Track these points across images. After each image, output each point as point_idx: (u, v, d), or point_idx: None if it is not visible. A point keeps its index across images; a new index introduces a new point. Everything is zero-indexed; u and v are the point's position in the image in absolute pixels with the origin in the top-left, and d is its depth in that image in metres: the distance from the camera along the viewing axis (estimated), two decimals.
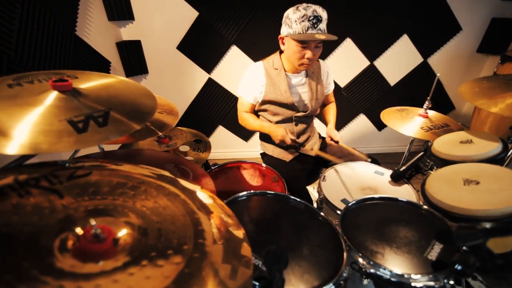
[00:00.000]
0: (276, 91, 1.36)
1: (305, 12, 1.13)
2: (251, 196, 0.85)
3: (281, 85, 1.35)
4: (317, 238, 0.73)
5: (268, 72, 1.35)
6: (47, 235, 0.39)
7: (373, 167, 1.33)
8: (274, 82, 1.35)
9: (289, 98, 1.36)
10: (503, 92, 1.03)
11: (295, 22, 1.15)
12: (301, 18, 1.14)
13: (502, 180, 0.78)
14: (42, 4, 1.24)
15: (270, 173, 1.30)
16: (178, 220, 0.48)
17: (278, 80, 1.35)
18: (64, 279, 0.33)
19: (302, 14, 1.13)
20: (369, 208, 0.85)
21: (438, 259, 0.65)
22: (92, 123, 0.56)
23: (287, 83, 1.35)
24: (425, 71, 2.34)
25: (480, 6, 2.09)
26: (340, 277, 0.62)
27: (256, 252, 0.59)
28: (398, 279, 0.63)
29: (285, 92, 1.36)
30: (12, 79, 0.69)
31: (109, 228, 0.43)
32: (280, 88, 1.35)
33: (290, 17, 1.16)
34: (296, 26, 1.15)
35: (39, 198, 0.44)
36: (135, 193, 0.52)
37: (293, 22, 1.15)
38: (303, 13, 1.13)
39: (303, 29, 1.15)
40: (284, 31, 1.21)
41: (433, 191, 0.83)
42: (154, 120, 1.02)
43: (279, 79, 1.35)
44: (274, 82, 1.35)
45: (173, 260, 0.41)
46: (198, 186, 0.60)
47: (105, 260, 0.39)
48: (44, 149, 0.49)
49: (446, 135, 1.10)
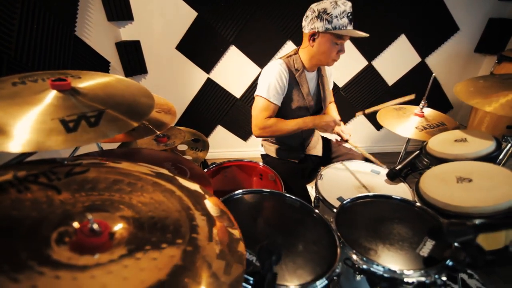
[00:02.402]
0: (299, 94, 1.31)
1: (345, 8, 1.11)
2: (247, 194, 0.86)
3: (304, 87, 1.30)
4: (311, 235, 0.74)
5: (291, 73, 1.28)
6: (45, 228, 0.41)
7: (369, 166, 1.35)
8: (296, 84, 1.30)
9: (310, 101, 1.33)
10: (498, 91, 1.04)
11: (336, 18, 1.11)
12: (342, 13, 1.11)
13: (494, 178, 0.79)
14: (42, 4, 1.25)
15: (268, 172, 1.31)
16: (173, 215, 0.49)
17: (301, 82, 1.30)
18: (60, 270, 0.35)
19: (343, 10, 1.11)
20: (364, 206, 0.86)
21: (429, 255, 0.66)
22: (83, 123, 0.58)
23: (308, 86, 1.31)
24: (423, 71, 2.36)
25: (478, 6, 2.10)
26: (333, 273, 0.63)
27: (250, 248, 0.60)
28: (391, 275, 0.64)
29: (307, 95, 1.32)
30: (18, 78, 0.71)
31: (105, 222, 0.44)
32: (303, 91, 1.31)
33: (330, 12, 1.11)
34: (338, 21, 1.11)
35: (38, 194, 0.46)
36: (132, 190, 0.53)
37: (334, 17, 1.11)
38: (343, 9, 1.11)
39: (344, 25, 1.13)
40: (320, 26, 1.14)
41: (426, 189, 0.84)
42: (152, 119, 1.03)
43: (301, 81, 1.30)
44: (296, 83, 1.29)
45: (167, 253, 0.42)
46: (196, 184, 0.61)
47: (101, 253, 0.40)
48: (33, 146, 0.50)
49: (441, 133, 1.11)
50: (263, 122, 1.25)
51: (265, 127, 1.26)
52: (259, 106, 1.26)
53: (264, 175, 1.32)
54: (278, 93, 1.24)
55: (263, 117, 1.25)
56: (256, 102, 1.28)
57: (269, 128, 1.26)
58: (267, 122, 1.25)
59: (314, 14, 1.14)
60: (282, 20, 2.03)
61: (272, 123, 1.25)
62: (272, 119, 1.26)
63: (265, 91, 1.24)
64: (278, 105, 1.27)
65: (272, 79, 1.23)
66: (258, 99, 1.26)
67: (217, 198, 0.58)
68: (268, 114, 1.26)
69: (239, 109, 2.40)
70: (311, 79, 1.35)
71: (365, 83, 2.39)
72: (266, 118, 1.25)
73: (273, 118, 1.27)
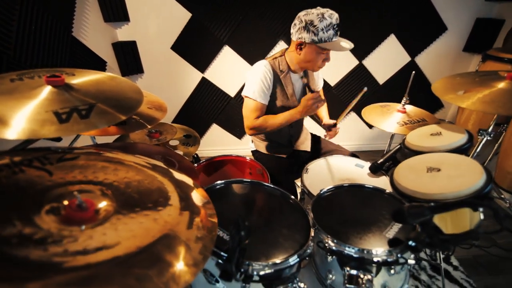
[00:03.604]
0: (283, 94, 1.36)
1: (331, 21, 1.15)
2: (229, 184, 0.92)
3: (288, 88, 1.36)
4: (288, 220, 0.79)
5: (276, 74, 1.33)
6: (36, 204, 0.46)
7: (354, 160, 1.40)
8: (281, 85, 1.35)
9: (295, 102, 1.37)
10: (473, 88, 1.09)
11: (322, 31, 1.15)
12: (327, 26, 1.15)
13: (460, 167, 0.85)
14: (40, 6, 1.31)
15: (256, 166, 1.36)
16: (152, 194, 0.55)
17: (285, 83, 1.35)
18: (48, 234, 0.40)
19: (329, 22, 1.15)
20: (339, 194, 0.92)
21: (394, 237, 0.71)
22: (75, 115, 0.64)
23: (293, 86, 1.37)
24: (413, 70, 2.40)
25: (465, 7, 2.16)
26: (305, 252, 0.68)
27: (226, 229, 0.65)
28: (358, 255, 0.70)
29: (291, 96, 1.37)
30: (16, 74, 0.77)
31: (92, 200, 0.50)
32: (287, 92, 1.36)
33: (316, 25, 1.15)
34: (323, 34, 1.16)
35: (31, 175, 0.51)
36: (117, 173, 0.59)
37: (320, 30, 1.15)
38: (329, 22, 1.15)
39: (330, 37, 1.18)
40: (307, 37, 1.19)
41: (399, 178, 0.90)
42: (144, 115, 1.09)
43: (286, 82, 1.35)
44: (281, 84, 1.35)
45: (144, 225, 0.47)
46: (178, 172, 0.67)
47: (87, 224, 0.46)
48: (29, 133, 0.56)
49: (419, 128, 1.17)
50: (252, 122, 1.32)
51: (255, 126, 1.32)
52: (248, 107, 1.32)
53: (253, 169, 1.38)
54: (264, 92, 1.30)
55: (253, 118, 1.32)
56: (245, 103, 1.34)
57: (259, 127, 1.33)
58: (257, 122, 1.32)
59: (302, 24, 1.18)
60: (273, 21, 2.09)
61: (261, 122, 1.32)
62: (260, 118, 1.32)
63: (251, 92, 1.30)
64: (265, 104, 1.33)
65: (257, 80, 1.29)
66: (247, 100, 1.33)
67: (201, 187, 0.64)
68: (257, 114, 1.32)
69: (233, 108, 2.46)
70: (296, 80, 1.41)
71: (357, 82, 2.44)
72: (255, 118, 1.32)
73: (261, 117, 1.32)
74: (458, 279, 1.61)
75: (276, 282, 0.62)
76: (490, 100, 0.98)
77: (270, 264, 0.63)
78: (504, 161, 1.77)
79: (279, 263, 0.63)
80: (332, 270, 0.77)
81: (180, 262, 0.43)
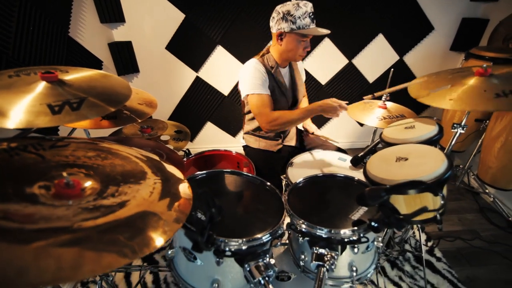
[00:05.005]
0: (278, 89, 1.42)
1: (306, 9, 1.23)
2: (210, 173, 0.98)
3: (281, 82, 1.42)
4: (264, 204, 0.86)
5: (268, 70, 1.38)
6: (30, 182, 0.53)
7: (338, 154, 1.47)
8: (275, 80, 1.40)
9: (290, 94, 1.44)
10: (443, 85, 1.15)
11: (299, 19, 1.22)
12: (303, 14, 1.22)
13: (426, 156, 0.91)
14: (38, 8, 1.38)
15: (243, 159, 1.43)
16: (135, 176, 0.62)
17: (278, 77, 1.41)
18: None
19: (304, 11, 1.22)
20: (314, 183, 0.99)
21: (359, 219, 0.78)
22: (67, 108, 0.71)
23: (282, 81, 1.43)
24: (402, 69, 2.48)
25: (450, 7, 2.22)
26: (276, 232, 0.75)
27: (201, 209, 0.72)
28: (326, 235, 0.76)
29: (285, 89, 1.44)
30: (13, 71, 0.84)
31: (79, 180, 0.57)
32: (281, 86, 1.42)
33: (293, 13, 1.22)
34: (301, 22, 1.23)
35: (26, 157, 0.58)
36: (103, 159, 0.66)
37: (297, 18, 1.22)
38: (304, 10, 1.23)
39: (307, 24, 1.24)
40: (285, 27, 1.25)
41: (371, 168, 0.96)
42: (135, 110, 1.16)
43: (278, 76, 1.41)
44: (275, 79, 1.40)
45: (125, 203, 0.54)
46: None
47: (74, 200, 0.53)
48: (25, 123, 0.63)
49: (395, 122, 1.23)
50: (269, 116, 1.30)
51: (273, 118, 1.29)
52: (257, 104, 1.31)
53: (240, 162, 1.44)
54: (263, 84, 1.33)
55: (268, 112, 1.30)
56: (251, 101, 1.33)
57: (277, 121, 1.29)
58: (273, 115, 1.30)
59: (279, 16, 1.26)
60: (265, 21, 2.15)
61: (278, 115, 1.30)
62: (277, 112, 1.31)
63: (252, 88, 1.31)
64: (269, 94, 1.34)
65: (253, 75, 1.32)
66: (252, 98, 1.32)
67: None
68: (269, 107, 1.31)
69: (227, 106, 2.53)
70: (285, 74, 1.47)
71: (347, 80, 2.51)
72: (271, 112, 1.31)
73: (277, 111, 1.32)
74: (440, 269, 1.68)
75: (248, 257, 0.68)
76: (457, 98, 1.04)
77: (244, 241, 0.69)
78: (485, 156, 1.83)
79: (250, 240, 0.70)
80: (305, 252, 0.83)
81: (154, 232, 0.50)
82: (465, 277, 1.63)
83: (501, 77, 1.08)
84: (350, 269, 0.79)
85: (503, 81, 1.05)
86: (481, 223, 2.02)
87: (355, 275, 0.78)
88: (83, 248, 0.42)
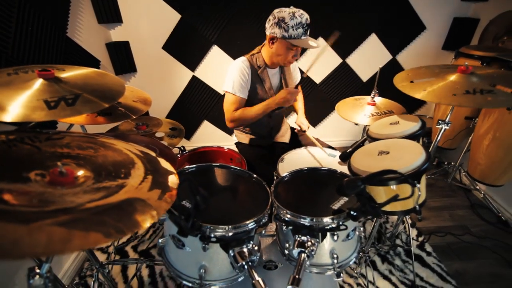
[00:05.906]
0: (261, 88, 1.47)
1: (301, 20, 1.25)
2: (199, 168, 1.01)
3: (266, 82, 1.46)
4: (251, 196, 0.90)
5: (253, 69, 1.43)
6: (26, 170, 0.57)
7: (328, 151, 1.50)
8: (259, 79, 1.45)
9: (273, 95, 1.47)
10: (430, 80, 1.19)
11: (292, 28, 1.25)
12: (297, 25, 1.25)
13: (406, 150, 0.95)
14: (36, 8, 1.42)
15: (235, 155, 1.47)
16: (125, 167, 0.66)
17: (263, 77, 1.45)
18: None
19: (299, 21, 1.24)
20: (300, 177, 1.03)
21: (339, 209, 0.82)
22: (62, 103, 0.75)
23: (270, 81, 1.47)
24: (395, 68, 2.52)
25: (442, 7, 2.26)
26: (260, 220, 0.79)
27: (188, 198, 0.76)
28: (308, 223, 0.80)
29: (269, 89, 1.48)
30: (12, 69, 0.88)
31: (72, 169, 0.61)
32: (265, 85, 1.47)
33: (287, 22, 1.25)
34: (293, 31, 1.26)
35: (23, 148, 0.62)
36: (95, 151, 0.70)
37: (290, 27, 1.25)
38: (299, 21, 1.25)
39: (299, 35, 1.27)
40: (278, 33, 1.28)
41: (354, 161, 1.00)
42: (129, 107, 1.21)
43: (264, 76, 1.46)
44: (259, 79, 1.45)
45: (114, 189, 0.59)
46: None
47: (67, 187, 0.57)
48: (22, 117, 0.67)
49: (382, 119, 1.27)
50: (231, 114, 1.43)
51: (233, 118, 1.43)
52: (227, 101, 1.43)
53: (233, 159, 1.49)
54: (242, 86, 1.40)
55: (231, 110, 1.42)
56: (225, 98, 1.44)
57: (237, 118, 1.42)
58: (235, 114, 1.42)
59: (275, 20, 1.29)
60: (260, 21, 2.20)
61: (239, 114, 1.42)
62: (238, 110, 1.42)
63: (231, 87, 1.40)
64: (244, 97, 1.43)
65: (236, 75, 1.39)
66: (226, 95, 1.43)
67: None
68: (235, 107, 1.42)
69: (223, 105, 2.57)
70: (273, 75, 1.51)
71: (341, 79, 2.55)
72: (234, 111, 1.42)
73: (239, 110, 1.43)
74: (430, 263, 1.72)
75: (232, 243, 0.73)
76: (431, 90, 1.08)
77: (230, 227, 0.74)
78: (475, 153, 1.87)
79: (236, 227, 0.74)
80: (289, 241, 0.87)
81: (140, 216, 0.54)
82: (454, 271, 1.67)
83: (481, 77, 1.12)
84: (332, 257, 0.83)
85: (481, 80, 1.09)
86: (471, 219, 2.06)
87: (336, 262, 0.82)
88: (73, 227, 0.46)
